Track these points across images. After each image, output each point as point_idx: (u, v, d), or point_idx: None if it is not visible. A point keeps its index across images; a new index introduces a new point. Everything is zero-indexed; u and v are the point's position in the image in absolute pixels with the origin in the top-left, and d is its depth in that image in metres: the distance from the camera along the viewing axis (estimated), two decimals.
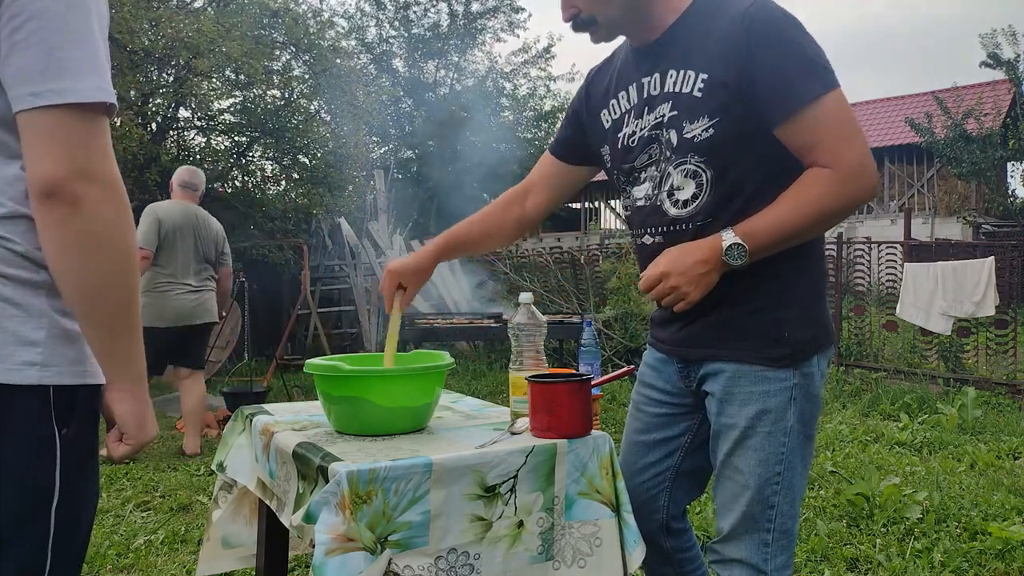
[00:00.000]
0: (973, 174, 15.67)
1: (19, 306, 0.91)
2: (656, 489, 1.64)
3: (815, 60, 1.34)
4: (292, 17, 7.79)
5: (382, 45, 14.93)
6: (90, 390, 0.97)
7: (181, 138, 8.48)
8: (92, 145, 0.89)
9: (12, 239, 0.91)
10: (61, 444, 0.93)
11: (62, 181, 0.87)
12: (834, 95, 1.35)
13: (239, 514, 1.90)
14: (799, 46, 1.34)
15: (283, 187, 8.94)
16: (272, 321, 8.32)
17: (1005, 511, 3.25)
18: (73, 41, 0.88)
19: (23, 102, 0.87)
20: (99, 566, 2.78)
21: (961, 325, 6.24)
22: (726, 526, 1.50)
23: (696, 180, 1.43)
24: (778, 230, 1.35)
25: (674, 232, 1.48)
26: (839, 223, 1.44)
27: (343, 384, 1.52)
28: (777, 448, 1.44)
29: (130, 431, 1.01)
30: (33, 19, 0.86)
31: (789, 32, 1.34)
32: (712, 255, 1.36)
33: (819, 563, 2.76)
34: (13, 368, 0.89)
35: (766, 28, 1.34)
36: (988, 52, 15.29)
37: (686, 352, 1.54)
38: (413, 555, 1.29)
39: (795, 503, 1.48)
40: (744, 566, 1.47)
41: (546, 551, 1.42)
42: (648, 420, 1.65)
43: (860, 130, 1.38)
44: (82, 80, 0.88)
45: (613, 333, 7.04)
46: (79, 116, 0.88)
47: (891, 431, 4.74)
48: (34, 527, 0.92)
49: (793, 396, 1.43)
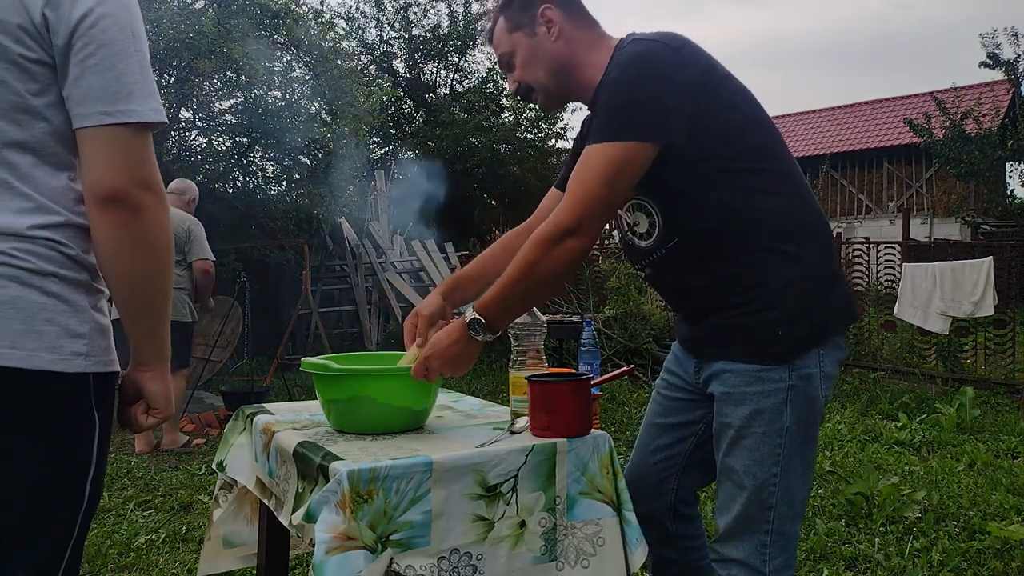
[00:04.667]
0: (972, 174, 15.66)
1: (69, 303, 1.04)
2: (667, 472, 1.69)
3: (626, 108, 1.38)
4: (293, 19, 7.78)
5: (382, 46, 14.93)
6: (115, 377, 1.12)
7: (182, 139, 8.48)
8: (147, 157, 1.04)
9: (67, 243, 1.04)
10: (99, 424, 1.08)
11: (127, 189, 1.01)
12: (607, 148, 1.38)
13: (240, 513, 1.91)
14: (623, 91, 1.39)
15: (284, 187, 8.94)
16: (273, 321, 8.32)
17: (1004, 510, 3.27)
18: (136, 68, 1.03)
19: (92, 119, 1.00)
20: (100, 565, 2.79)
21: (960, 325, 6.25)
22: (723, 525, 1.52)
23: (645, 212, 1.52)
24: (500, 297, 1.44)
25: (653, 262, 1.56)
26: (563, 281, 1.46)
27: (340, 383, 1.53)
28: (772, 449, 1.45)
29: (160, 405, 1.15)
30: (104, 47, 1.00)
31: (625, 76, 1.39)
32: (460, 334, 1.47)
33: (818, 562, 2.77)
34: (65, 358, 1.02)
35: (612, 69, 1.42)
36: (988, 52, 15.27)
37: (697, 350, 1.59)
38: (415, 555, 1.30)
39: (794, 505, 1.48)
40: (743, 566, 1.49)
41: (549, 551, 1.43)
42: (666, 404, 1.71)
43: (602, 194, 1.39)
44: (144, 102, 1.03)
45: (613, 333, 7.04)
46: (137, 133, 1.02)
47: (890, 431, 4.75)
48: (75, 498, 1.07)
49: (789, 397, 1.44)
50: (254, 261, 7.92)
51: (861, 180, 20.37)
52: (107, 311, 1.12)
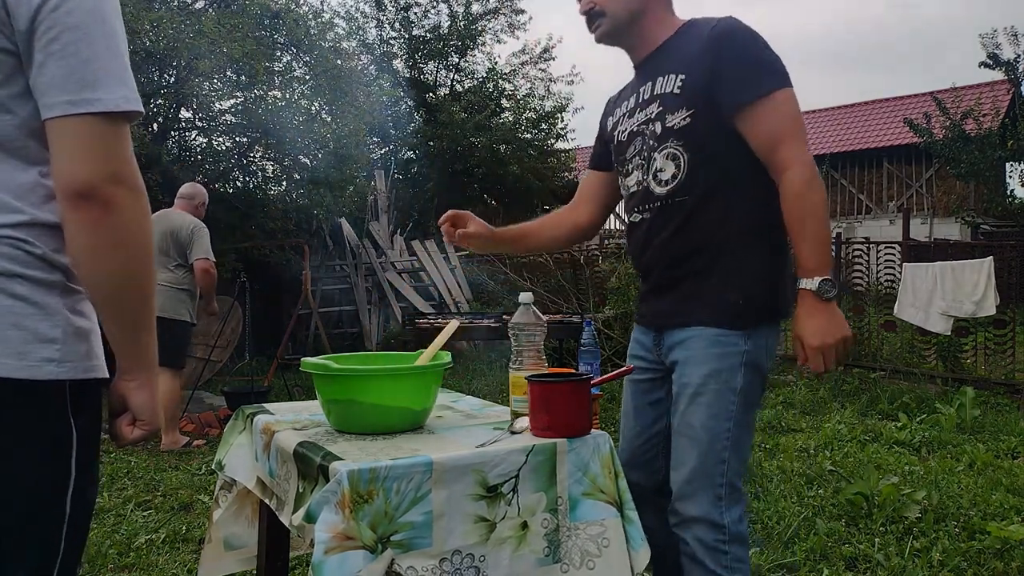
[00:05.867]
0: (972, 174, 15.66)
1: (37, 305, 0.96)
2: (655, 450, 1.81)
3: (770, 64, 1.59)
4: (293, 18, 7.78)
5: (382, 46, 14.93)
6: (98, 383, 1.04)
7: (182, 139, 8.48)
8: (121, 150, 0.96)
9: (32, 242, 0.96)
10: (76, 434, 1.00)
11: (97, 184, 0.93)
12: (785, 93, 1.59)
13: (241, 515, 1.91)
14: (757, 52, 1.60)
15: (284, 187, 8.95)
16: (273, 321, 8.33)
17: (1004, 510, 3.26)
18: (105, 53, 0.95)
19: (58, 109, 0.92)
20: (100, 565, 2.78)
21: (960, 325, 6.25)
22: (679, 481, 1.64)
23: (675, 162, 1.66)
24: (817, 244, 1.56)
25: (657, 208, 1.71)
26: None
27: (340, 383, 1.53)
28: (727, 406, 1.61)
29: (145, 417, 1.06)
30: (68, 31, 0.92)
31: (749, 42, 1.61)
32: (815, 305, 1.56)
33: (818, 562, 2.77)
34: (34, 364, 0.95)
35: (731, 36, 1.61)
36: (988, 52, 15.27)
37: (661, 322, 1.74)
38: (417, 556, 1.29)
39: (742, 461, 1.65)
40: (702, 523, 1.61)
41: (553, 553, 1.42)
42: (637, 387, 1.85)
43: (804, 126, 1.61)
44: (114, 90, 0.94)
45: (613, 333, 7.04)
46: (109, 123, 0.94)
47: (890, 431, 4.75)
48: (53, 512, 0.98)
49: (744, 361, 1.62)
50: (254, 261, 7.92)
51: (861, 180, 20.37)
52: (90, 313, 1.04)
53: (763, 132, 1.58)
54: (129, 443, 1.09)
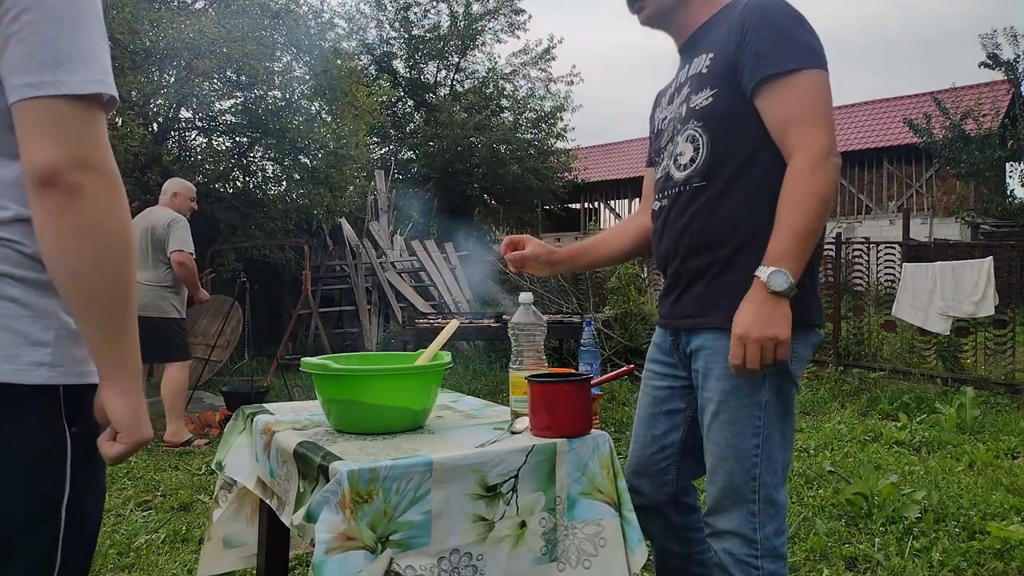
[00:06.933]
0: (971, 175, 15.67)
1: (28, 307, 0.91)
2: (666, 462, 1.71)
3: (800, 41, 1.46)
4: (293, 19, 7.79)
5: (382, 46, 14.93)
6: (97, 389, 0.98)
7: (182, 139, 8.49)
8: (89, 135, 0.89)
9: (21, 241, 0.91)
10: (71, 442, 0.94)
11: (61, 170, 0.86)
12: (811, 74, 1.44)
13: (240, 514, 1.91)
14: (787, 28, 1.46)
15: (284, 187, 8.95)
16: (273, 321, 8.33)
17: (1004, 510, 3.27)
18: (69, 33, 0.88)
19: (19, 93, 0.86)
20: (100, 565, 2.78)
21: (959, 325, 6.25)
22: (712, 497, 1.57)
23: (694, 144, 1.56)
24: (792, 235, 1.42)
25: (674, 195, 1.60)
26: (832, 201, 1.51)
27: (340, 383, 1.53)
28: (752, 422, 1.50)
29: (124, 430, 0.96)
30: (28, 11, 0.86)
31: (780, 17, 1.47)
32: (758, 294, 1.42)
33: (818, 562, 2.77)
34: (23, 368, 0.90)
35: (761, 11, 1.49)
36: (988, 52, 15.28)
37: (677, 323, 1.63)
38: (415, 555, 1.30)
39: (778, 475, 1.53)
40: (735, 537, 1.54)
41: (550, 552, 1.43)
42: (654, 394, 1.74)
43: (831, 111, 1.46)
44: (78, 72, 0.88)
45: (613, 333, 7.04)
46: (76, 107, 0.88)
47: (890, 431, 4.75)
48: (46, 523, 0.93)
49: (767, 372, 1.46)
50: (254, 261, 7.92)
51: (861, 180, 20.37)
52: None
53: (778, 113, 1.44)
54: (111, 460, 0.97)
